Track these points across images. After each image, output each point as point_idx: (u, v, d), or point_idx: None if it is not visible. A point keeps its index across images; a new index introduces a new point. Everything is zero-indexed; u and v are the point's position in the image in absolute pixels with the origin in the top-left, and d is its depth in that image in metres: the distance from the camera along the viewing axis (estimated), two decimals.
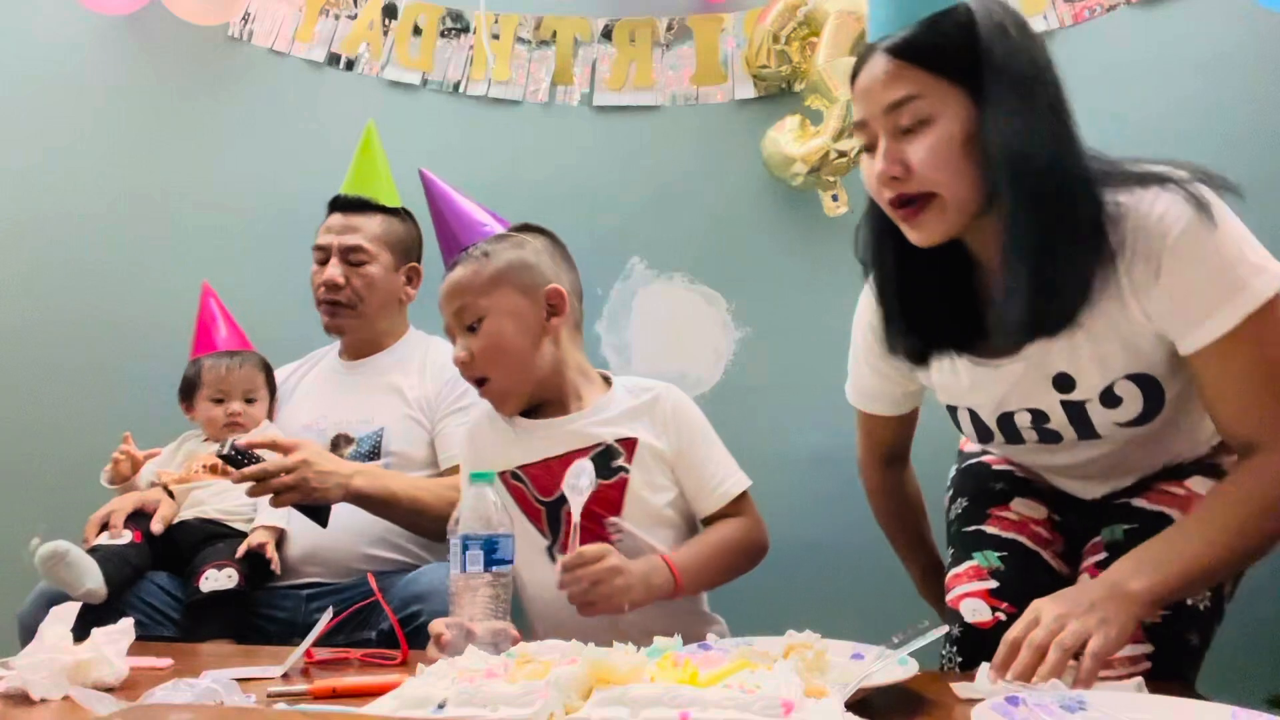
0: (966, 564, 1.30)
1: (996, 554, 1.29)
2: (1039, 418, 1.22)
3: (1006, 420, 1.24)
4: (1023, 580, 1.25)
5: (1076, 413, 1.19)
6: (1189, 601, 1.16)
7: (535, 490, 1.41)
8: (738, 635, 1.28)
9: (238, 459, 1.47)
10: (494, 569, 1.20)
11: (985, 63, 1.07)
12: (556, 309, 1.43)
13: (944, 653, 1.27)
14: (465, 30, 2.25)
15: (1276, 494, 1.07)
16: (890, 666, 0.99)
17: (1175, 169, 1.10)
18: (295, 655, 1.20)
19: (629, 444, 1.39)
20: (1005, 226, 1.10)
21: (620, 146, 2.19)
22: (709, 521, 1.44)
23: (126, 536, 1.67)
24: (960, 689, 1.02)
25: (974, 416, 1.27)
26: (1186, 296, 1.07)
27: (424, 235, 2.02)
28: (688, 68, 2.18)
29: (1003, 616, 1.21)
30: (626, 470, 1.38)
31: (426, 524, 1.66)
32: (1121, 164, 1.12)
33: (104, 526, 1.69)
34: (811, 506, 1.96)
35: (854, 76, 1.16)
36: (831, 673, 1.01)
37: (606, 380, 1.49)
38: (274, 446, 1.51)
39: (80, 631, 1.11)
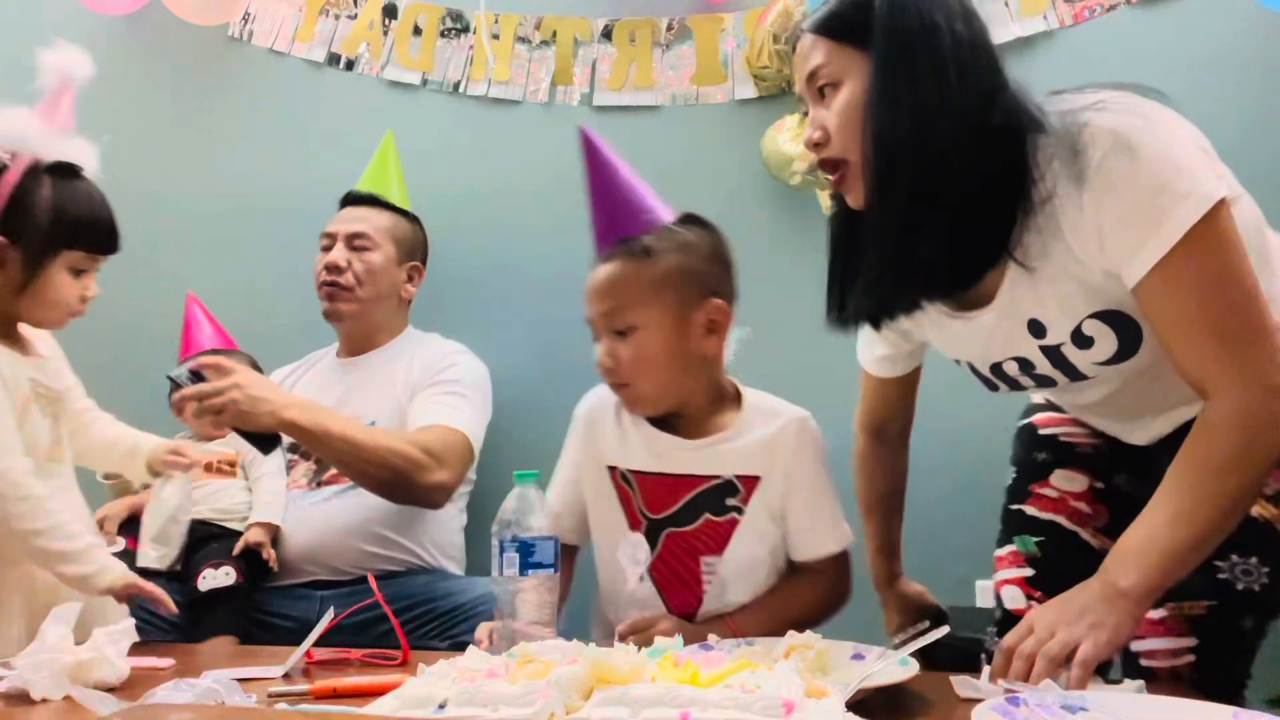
0: (1008, 547, 1.33)
1: (1034, 539, 1.31)
2: (1025, 365, 1.21)
3: (998, 370, 1.24)
4: (1059, 566, 1.26)
5: (1056, 357, 1.17)
6: (1239, 586, 1.13)
7: (643, 502, 1.33)
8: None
9: (187, 385, 1.51)
10: (531, 573, 1.16)
11: (873, 23, 1.10)
12: (716, 325, 1.33)
13: (989, 631, 1.31)
14: (465, 30, 2.25)
15: (1231, 446, 1.02)
16: (891, 667, 0.99)
17: (1103, 95, 1.07)
18: (296, 655, 1.20)
19: (749, 483, 1.31)
20: (866, 186, 1.12)
21: (620, 146, 2.17)
22: (796, 567, 1.36)
23: (120, 544, 1.67)
24: (960, 688, 1.03)
25: (974, 369, 1.28)
26: (1113, 232, 1.04)
27: (430, 241, 2.04)
28: (688, 68, 2.18)
29: (1035, 605, 1.23)
30: (740, 512, 1.30)
31: (360, 466, 1.65)
32: (1055, 102, 1.10)
33: None
34: None
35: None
36: (832, 673, 1.02)
37: (736, 391, 1.39)
38: (216, 368, 1.54)
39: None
